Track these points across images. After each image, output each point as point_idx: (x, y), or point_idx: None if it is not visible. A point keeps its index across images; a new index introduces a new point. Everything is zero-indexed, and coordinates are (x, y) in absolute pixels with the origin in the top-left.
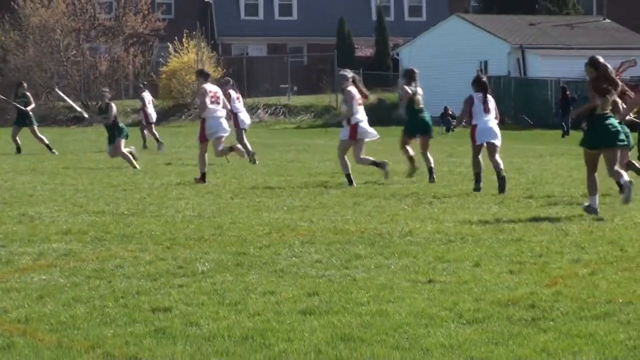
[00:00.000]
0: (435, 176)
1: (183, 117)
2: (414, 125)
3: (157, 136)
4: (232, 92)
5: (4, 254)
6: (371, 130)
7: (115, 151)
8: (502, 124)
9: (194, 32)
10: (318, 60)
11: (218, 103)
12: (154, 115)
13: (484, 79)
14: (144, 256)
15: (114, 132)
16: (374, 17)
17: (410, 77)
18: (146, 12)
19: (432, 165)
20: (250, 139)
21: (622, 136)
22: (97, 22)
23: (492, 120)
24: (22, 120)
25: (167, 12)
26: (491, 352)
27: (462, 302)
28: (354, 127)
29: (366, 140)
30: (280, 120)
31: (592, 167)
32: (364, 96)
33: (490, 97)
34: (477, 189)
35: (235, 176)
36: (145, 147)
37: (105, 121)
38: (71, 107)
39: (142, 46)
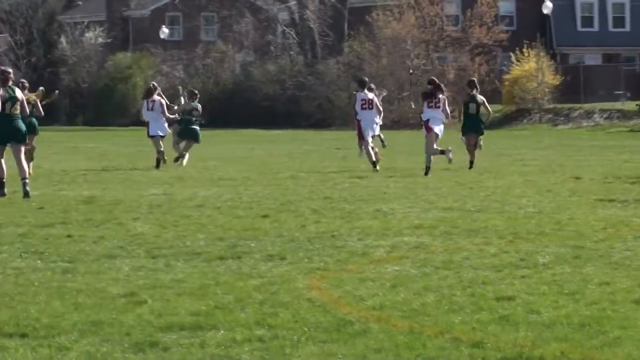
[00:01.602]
0: None
1: (525, 121)
2: None
3: None
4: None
5: (360, 247)
6: None
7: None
8: None
9: (534, 43)
10: None
11: (371, 108)
12: None
13: None
14: (489, 249)
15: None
16: None
17: None
18: (490, 24)
19: None
20: (588, 142)
21: None
22: (445, 33)
23: None
24: None
25: (510, 24)
26: None
27: None
28: None
29: None
30: (615, 124)
31: None
32: None
33: None
34: None
35: (572, 175)
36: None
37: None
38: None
39: (487, 56)
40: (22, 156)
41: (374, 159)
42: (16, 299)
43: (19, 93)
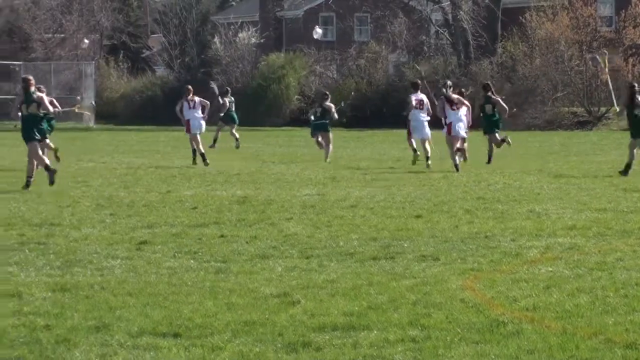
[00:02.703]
0: None
1: None
2: None
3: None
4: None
5: (513, 247)
6: None
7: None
8: None
9: None
10: None
11: (422, 108)
12: None
13: None
14: None
15: None
16: None
17: None
18: None
19: None
20: None
21: None
22: (598, 34)
23: None
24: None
25: None
26: None
27: None
28: None
29: None
30: None
31: None
32: None
33: None
34: None
35: None
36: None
37: None
38: (576, 113)
39: None
40: (40, 151)
41: (428, 154)
42: (169, 299)
43: (37, 97)
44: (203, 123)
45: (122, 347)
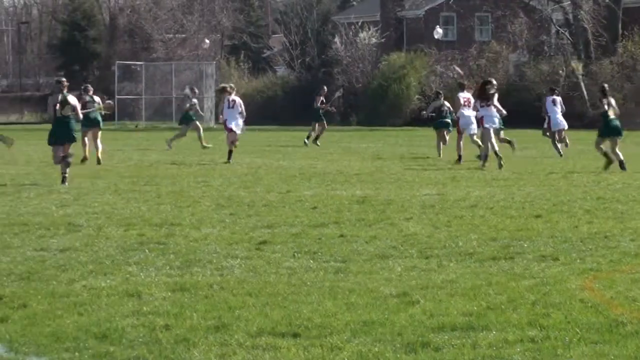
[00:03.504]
0: None
1: None
2: None
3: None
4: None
5: (633, 247)
6: None
7: None
8: None
9: None
10: None
11: (469, 106)
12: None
13: None
14: None
15: None
16: None
17: None
18: None
19: None
20: None
21: None
22: None
23: None
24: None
25: None
26: None
27: None
28: None
29: None
30: None
31: None
32: None
33: None
34: None
35: None
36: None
37: None
38: None
39: None
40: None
41: (461, 152)
42: (289, 299)
43: (71, 99)
44: (241, 123)
45: (241, 347)
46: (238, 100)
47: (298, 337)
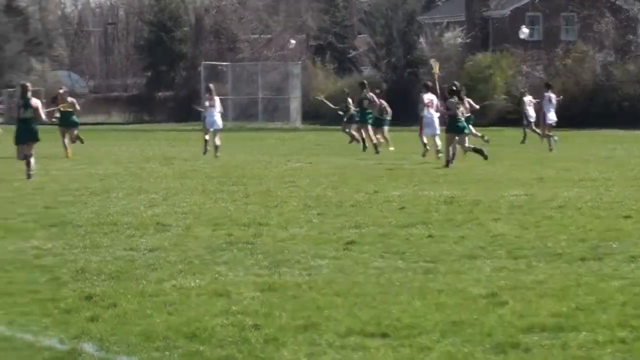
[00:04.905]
0: None
1: None
2: None
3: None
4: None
5: None
6: None
7: None
8: None
9: None
10: None
11: (432, 107)
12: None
13: None
14: None
15: None
16: None
17: None
18: None
19: None
20: None
21: None
22: None
23: None
24: None
25: None
26: None
27: None
28: None
29: None
30: None
31: None
32: None
33: None
34: None
35: None
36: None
37: None
38: None
39: None
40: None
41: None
42: (377, 299)
43: (33, 101)
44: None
45: (330, 347)
46: (217, 98)
47: (387, 337)
